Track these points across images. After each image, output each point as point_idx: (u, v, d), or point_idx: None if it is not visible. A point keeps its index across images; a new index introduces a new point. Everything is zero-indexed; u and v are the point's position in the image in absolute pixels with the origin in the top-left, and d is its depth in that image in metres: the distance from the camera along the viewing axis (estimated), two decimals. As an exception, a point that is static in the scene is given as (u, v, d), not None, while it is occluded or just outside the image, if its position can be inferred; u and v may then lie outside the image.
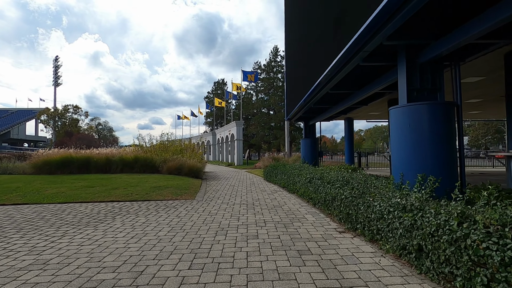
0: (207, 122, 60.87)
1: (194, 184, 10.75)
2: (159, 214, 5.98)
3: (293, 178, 8.72)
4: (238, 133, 27.81)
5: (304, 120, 14.38)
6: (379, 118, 19.75)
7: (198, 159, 15.85)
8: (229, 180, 13.18)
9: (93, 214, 5.95)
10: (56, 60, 76.80)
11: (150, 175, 12.47)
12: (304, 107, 11.23)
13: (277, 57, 45.09)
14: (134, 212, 6.19)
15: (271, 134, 43.83)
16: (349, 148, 19.10)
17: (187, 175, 13.42)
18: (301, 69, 11.18)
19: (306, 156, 14.02)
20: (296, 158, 21.59)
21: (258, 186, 10.75)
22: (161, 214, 5.97)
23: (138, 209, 6.51)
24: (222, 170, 21.47)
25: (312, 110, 12.04)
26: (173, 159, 13.77)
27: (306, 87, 9.35)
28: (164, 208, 6.57)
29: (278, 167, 12.00)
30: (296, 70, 12.31)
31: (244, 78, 29.74)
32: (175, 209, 6.48)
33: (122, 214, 6.01)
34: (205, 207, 6.70)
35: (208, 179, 13.93)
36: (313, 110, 12.04)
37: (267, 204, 6.97)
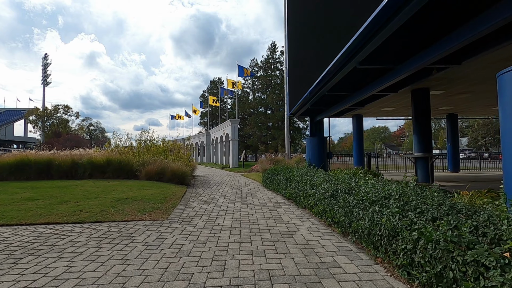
0: (202, 122, 58.47)
1: (174, 194, 8.46)
2: (95, 255, 3.68)
3: (303, 188, 6.48)
4: (233, 132, 25.55)
5: (310, 115, 12.20)
6: (391, 115, 17.64)
7: (185, 161, 13.55)
8: (221, 187, 10.91)
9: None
10: (45, 58, 73.88)
11: (123, 182, 10.15)
12: (312, 98, 9.05)
13: (275, 54, 42.97)
14: (54, 249, 3.89)
15: (269, 134, 41.62)
16: (358, 148, 16.94)
17: (170, 180, 11.13)
18: (309, 53, 9.02)
19: (313, 158, 11.81)
20: (298, 160, 19.38)
21: (256, 196, 8.50)
22: (98, 254, 3.67)
23: (68, 241, 4.21)
24: (215, 173, 19.17)
25: (320, 102, 9.86)
26: (153, 162, 11.45)
27: (317, 71, 7.21)
28: (113, 240, 4.27)
29: (281, 172, 9.76)
30: (304, 54, 10.13)
31: (240, 73, 27.51)
32: (129, 240, 4.19)
33: (31, 255, 3.71)
34: (177, 237, 4.41)
35: (196, 185, 11.63)
36: (322, 101, 9.86)
37: (271, 230, 4.71)
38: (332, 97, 9.63)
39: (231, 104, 51.00)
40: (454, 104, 13.29)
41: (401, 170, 18.67)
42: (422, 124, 10.28)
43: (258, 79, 45.15)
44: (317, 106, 10.06)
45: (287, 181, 8.09)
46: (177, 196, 8.18)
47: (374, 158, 18.12)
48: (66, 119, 70.25)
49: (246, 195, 8.83)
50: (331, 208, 4.67)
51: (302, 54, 10.50)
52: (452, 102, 12.89)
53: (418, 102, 10.38)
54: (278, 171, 10.03)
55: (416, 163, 10.37)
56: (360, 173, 9.33)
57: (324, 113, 11.56)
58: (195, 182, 13.01)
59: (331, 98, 9.74)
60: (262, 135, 42.71)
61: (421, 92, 10.20)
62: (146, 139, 13.25)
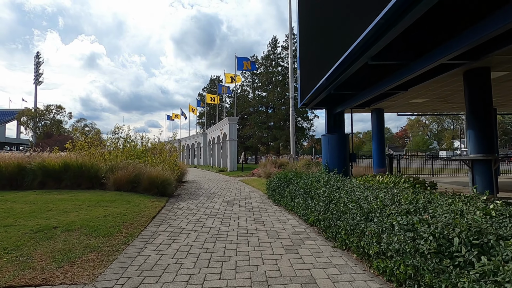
0: (200, 123, 55.79)
1: (142, 215, 5.81)
2: None
3: (345, 215, 3.82)
4: (231, 131, 22.90)
5: (327, 106, 9.58)
6: (418, 110, 14.99)
7: (169, 165, 10.90)
8: (213, 199, 8.25)
9: None
10: (37, 56, 71.22)
11: (77, 194, 7.49)
12: (333, 83, 6.44)
13: (277, 49, 40.42)
14: None
15: (270, 135, 38.98)
16: (378, 148, 14.32)
17: (147, 191, 8.49)
18: (330, 22, 6.44)
19: (332, 160, 9.17)
20: (305, 162, 16.73)
21: (261, 218, 5.85)
22: None
23: None
24: (210, 178, 16.51)
25: (344, 86, 7.23)
26: (125, 167, 8.80)
27: (340, 48, 4.68)
28: None
29: (293, 180, 7.13)
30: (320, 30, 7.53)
31: (239, 66, 24.87)
32: None
33: None
34: None
35: (182, 196, 8.97)
36: (346, 86, 7.24)
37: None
38: (359, 81, 7.02)
39: (230, 103, 48.42)
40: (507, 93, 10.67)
41: (427, 174, 16.04)
42: (480, 116, 7.66)
43: (259, 76, 42.56)
44: (339, 91, 7.42)
45: (308, 197, 5.44)
46: (144, 219, 5.53)
47: (395, 159, 15.50)
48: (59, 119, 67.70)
49: (246, 215, 6.16)
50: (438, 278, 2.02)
51: (319, 30, 7.92)
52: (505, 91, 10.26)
53: (474, 86, 7.78)
54: (289, 179, 7.38)
55: (473, 167, 7.75)
56: (402, 182, 6.71)
57: (346, 103, 8.92)
58: (182, 191, 10.36)
59: (357, 82, 7.13)
60: (262, 136, 40.07)
61: (478, 73, 7.60)
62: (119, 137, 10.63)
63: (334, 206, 4.20)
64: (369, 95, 7.07)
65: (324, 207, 4.44)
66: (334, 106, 9.52)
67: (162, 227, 5.13)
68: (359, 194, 4.14)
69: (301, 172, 8.77)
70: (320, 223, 4.52)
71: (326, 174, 7.54)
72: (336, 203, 4.22)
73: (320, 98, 8.77)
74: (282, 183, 7.47)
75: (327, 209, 4.34)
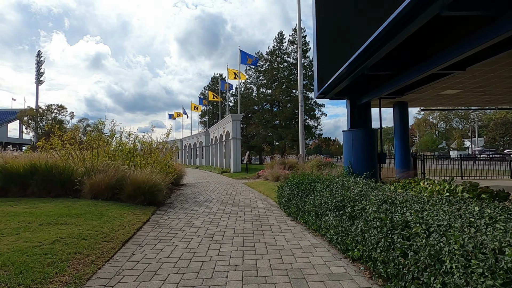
0: (202, 122, 54.26)
1: (108, 238, 4.21)
2: None
3: (432, 261, 2.14)
4: (234, 129, 21.27)
5: (351, 95, 7.91)
6: (448, 104, 13.19)
7: (161, 166, 9.29)
8: (211, 210, 6.63)
9: None
10: (39, 55, 70.32)
11: (38, 205, 5.92)
12: (368, 60, 4.79)
13: (283, 45, 38.67)
14: None
15: (275, 134, 37.26)
16: (402, 147, 12.57)
17: (132, 198, 6.91)
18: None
19: (357, 161, 7.49)
20: (316, 162, 15.05)
21: (275, 243, 4.21)
22: None
23: None
24: (211, 180, 14.90)
25: (380, 65, 5.57)
26: (105, 169, 7.22)
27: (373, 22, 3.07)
28: None
29: (312, 187, 5.46)
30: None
31: (242, 60, 23.22)
32: None
33: None
34: None
35: (174, 205, 7.36)
36: (383, 64, 5.58)
37: None
38: (402, 56, 5.34)
39: (233, 101, 46.86)
40: None
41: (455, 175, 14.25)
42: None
43: (263, 73, 40.90)
44: (375, 70, 5.76)
45: (344, 215, 3.77)
46: (109, 247, 3.92)
47: (419, 159, 13.76)
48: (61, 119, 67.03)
49: (254, 236, 4.52)
50: None
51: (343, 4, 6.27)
52: None
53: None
54: (307, 185, 5.71)
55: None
56: (460, 191, 5.01)
57: (375, 91, 7.25)
58: (176, 197, 8.75)
59: (400, 57, 5.45)
60: (267, 135, 38.37)
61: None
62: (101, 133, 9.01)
63: (403, 240, 2.53)
64: (414, 77, 5.37)
65: (384, 238, 2.76)
66: (359, 95, 7.83)
67: (132, 261, 3.51)
68: (442, 217, 2.47)
69: (319, 176, 7.09)
70: (377, 265, 2.85)
71: (351, 178, 5.85)
72: (407, 233, 2.55)
73: (342, 86, 7.09)
74: (299, 191, 5.81)
75: (388, 244, 2.67)
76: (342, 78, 6.41)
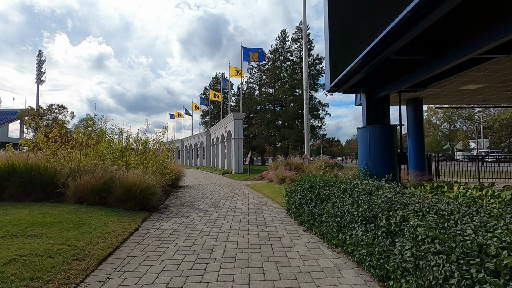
0: (203, 122, 53.50)
1: (82, 256, 3.40)
2: None
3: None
4: (236, 129, 20.46)
5: (367, 88, 7.08)
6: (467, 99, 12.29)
7: (157, 168, 8.49)
8: (210, 217, 5.81)
9: None
10: (40, 55, 69.83)
11: (10, 210, 5.13)
12: (398, 40, 3.98)
13: (286, 43, 37.85)
14: None
15: (278, 134, 36.41)
16: (416, 147, 11.71)
17: (121, 202, 6.13)
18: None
19: (374, 162, 6.65)
20: (322, 164, 14.24)
21: (289, 263, 3.39)
22: None
23: None
24: (212, 182, 14.09)
25: (411, 48, 4.74)
26: (92, 170, 6.43)
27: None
28: None
29: (326, 191, 4.63)
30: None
31: (245, 57, 22.42)
32: None
33: None
34: None
35: (168, 211, 6.55)
36: (414, 47, 4.76)
37: None
38: (427, 45, 4.52)
39: (235, 101, 46.11)
40: None
41: (471, 178, 13.39)
42: None
43: (266, 72, 40.10)
44: (404, 54, 4.91)
45: (377, 229, 2.94)
46: (79, 269, 3.11)
47: (434, 161, 12.90)
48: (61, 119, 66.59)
49: (261, 253, 3.69)
50: None
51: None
52: None
53: None
54: (320, 190, 4.89)
55: None
56: (508, 197, 4.18)
57: (394, 84, 6.41)
58: (173, 200, 7.95)
59: (424, 47, 4.63)
60: (269, 135, 37.52)
61: None
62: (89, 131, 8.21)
63: (493, 278, 1.70)
64: (449, 62, 4.52)
65: (458, 271, 1.92)
66: (377, 87, 7.00)
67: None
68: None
69: (331, 178, 6.24)
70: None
71: (370, 180, 5.01)
72: (494, 266, 1.72)
73: (359, 77, 6.26)
74: (312, 196, 4.98)
75: (467, 283, 1.83)
76: (360, 67, 5.58)
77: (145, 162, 8.18)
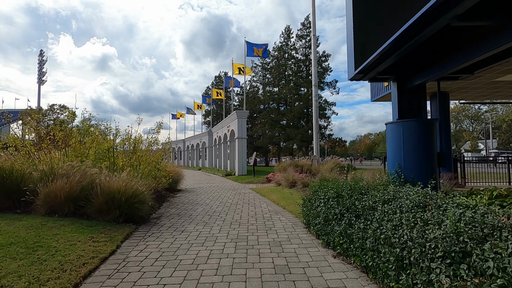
0: (206, 122, 52.40)
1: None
2: None
3: None
4: (240, 128, 19.31)
5: (400, 74, 5.89)
6: (500, 93, 10.96)
7: (150, 170, 7.35)
8: (210, 233, 4.65)
9: None
10: (41, 54, 69.22)
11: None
12: (455, 7, 2.81)
13: (290, 40, 36.66)
14: None
15: (283, 134, 35.18)
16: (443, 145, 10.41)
17: (103, 213, 5.02)
18: None
19: (408, 164, 5.45)
20: (333, 165, 13.03)
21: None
22: None
23: None
24: (214, 184, 12.94)
25: (471, 13, 3.58)
26: (67, 173, 5.30)
27: None
28: None
29: (360, 202, 3.45)
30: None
31: (249, 52, 21.26)
32: None
33: None
34: None
35: (159, 224, 5.39)
36: (474, 13, 3.59)
37: None
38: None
39: (238, 100, 44.97)
40: None
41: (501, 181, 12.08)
42: None
43: (270, 71, 38.93)
44: (471, 19, 3.76)
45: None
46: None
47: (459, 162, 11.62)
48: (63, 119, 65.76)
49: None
50: None
51: None
52: None
53: None
54: (352, 201, 3.71)
55: None
56: None
57: (436, 69, 5.22)
58: (167, 208, 6.79)
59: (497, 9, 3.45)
60: (273, 135, 36.29)
61: None
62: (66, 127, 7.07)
63: None
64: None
65: None
66: (413, 73, 5.79)
67: None
68: None
69: (358, 184, 5.01)
70: None
71: (410, 187, 3.81)
72: None
73: (392, 60, 5.06)
74: (342, 210, 3.80)
75: None
76: (400, 44, 4.37)
77: (135, 164, 7.03)
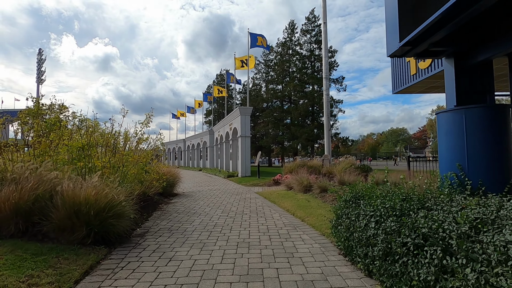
0: (207, 121, 51.03)
1: None
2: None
3: None
4: (243, 125, 17.93)
5: (459, 48, 4.55)
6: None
7: (138, 173, 5.99)
8: (208, 263, 3.29)
9: None
10: (40, 53, 68.11)
11: None
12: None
13: (294, 35, 35.25)
14: None
15: (287, 133, 33.75)
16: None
17: (66, 232, 3.67)
18: None
19: (475, 165, 4.08)
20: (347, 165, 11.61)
21: None
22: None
23: None
24: (215, 188, 11.58)
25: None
26: (17, 179, 3.94)
27: None
28: None
29: (434, 220, 2.05)
30: None
31: (252, 43, 19.85)
32: None
33: None
34: None
35: (141, 246, 4.02)
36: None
37: None
38: None
39: (240, 99, 43.61)
40: None
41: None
42: None
43: (273, 68, 37.56)
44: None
45: None
46: None
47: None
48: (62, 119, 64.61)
49: None
50: None
51: None
52: None
53: None
54: (432, 226, 2.32)
55: None
56: None
57: (505, 41, 3.85)
58: (156, 221, 5.43)
59: None
60: (277, 134, 34.88)
61: None
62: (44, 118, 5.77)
63: None
64: None
65: None
66: (476, 45, 4.37)
67: None
68: None
69: (413, 193, 3.60)
70: None
71: (477, 198, 2.41)
72: None
73: (438, 36, 3.71)
74: (414, 236, 2.39)
75: None
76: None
77: (117, 166, 5.66)
